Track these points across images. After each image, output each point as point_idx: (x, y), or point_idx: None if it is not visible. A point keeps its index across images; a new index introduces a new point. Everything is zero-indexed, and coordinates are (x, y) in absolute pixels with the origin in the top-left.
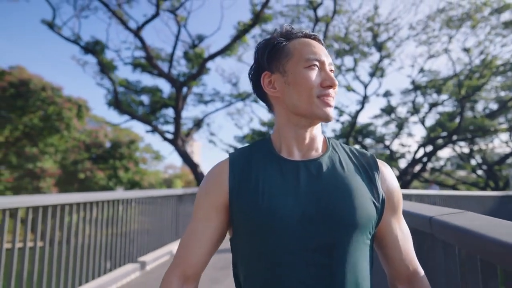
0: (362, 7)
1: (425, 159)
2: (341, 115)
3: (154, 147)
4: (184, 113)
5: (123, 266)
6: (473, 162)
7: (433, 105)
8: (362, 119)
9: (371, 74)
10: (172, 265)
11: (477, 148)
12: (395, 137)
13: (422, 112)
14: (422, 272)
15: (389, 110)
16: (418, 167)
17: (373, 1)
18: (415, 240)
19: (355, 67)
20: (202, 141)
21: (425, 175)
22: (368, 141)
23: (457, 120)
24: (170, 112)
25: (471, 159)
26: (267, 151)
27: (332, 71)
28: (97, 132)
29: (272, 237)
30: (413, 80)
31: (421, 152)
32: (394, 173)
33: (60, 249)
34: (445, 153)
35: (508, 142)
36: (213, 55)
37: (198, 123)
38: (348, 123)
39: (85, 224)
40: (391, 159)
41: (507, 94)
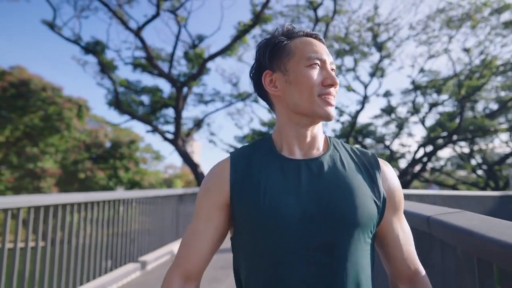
0: (362, 7)
1: (425, 159)
2: (341, 115)
3: (154, 147)
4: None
5: (123, 266)
6: (473, 162)
7: (433, 105)
8: (362, 119)
9: (371, 74)
10: (174, 264)
11: (477, 148)
12: (395, 137)
13: (422, 112)
14: (423, 272)
15: (389, 110)
16: (418, 167)
17: (373, 1)
18: (413, 239)
19: (355, 67)
20: (202, 141)
21: (425, 175)
22: (368, 141)
23: (457, 120)
24: (170, 112)
25: (471, 159)
26: (268, 150)
27: (333, 70)
28: (97, 132)
29: (273, 236)
30: (413, 80)
31: (421, 152)
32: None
33: (61, 249)
34: (445, 153)
35: (508, 142)
36: (213, 55)
37: (198, 123)
38: (348, 123)
39: (86, 223)
40: (391, 159)
41: (507, 94)
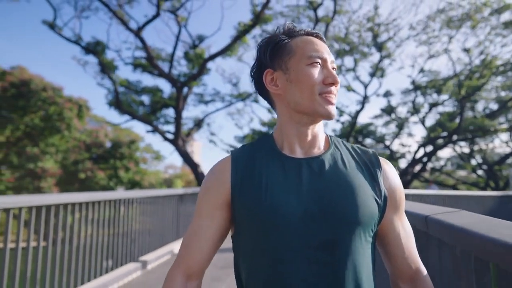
0: (362, 7)
1: (425, 159)
2: (341, 115)
3: (154, 147)
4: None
5: (124, 265)
6: (473, 162)
7: (433, 105)
8: (362, 119)
9: (371, 74)
10: (176, 263)
11: (477, 148)
12: (395, 137)
13: (422, 112)
14: (424, 271)
15: (389, 110)
16: (418, 167)
17: (373, 1)
18: None
19: (355, 67)
20: (203, 141)
21: (425, 175)
22: (368, 141)
23: (457, 120)
24: (170, 112)
25: (471, 159)
26: (269, 148)
27: (334, 68)
28: (98, 132)
29: (274, 234)
30: (413, 80)
31: (421, 152)
32: None
33: (62, 249)
34: (445, 153)
35: (508, 142)
36: (214, 56)
37: (199, 123)
38: (348, 123)
39: (87, 223)
40: (391, 159)
41: (507, 94)
